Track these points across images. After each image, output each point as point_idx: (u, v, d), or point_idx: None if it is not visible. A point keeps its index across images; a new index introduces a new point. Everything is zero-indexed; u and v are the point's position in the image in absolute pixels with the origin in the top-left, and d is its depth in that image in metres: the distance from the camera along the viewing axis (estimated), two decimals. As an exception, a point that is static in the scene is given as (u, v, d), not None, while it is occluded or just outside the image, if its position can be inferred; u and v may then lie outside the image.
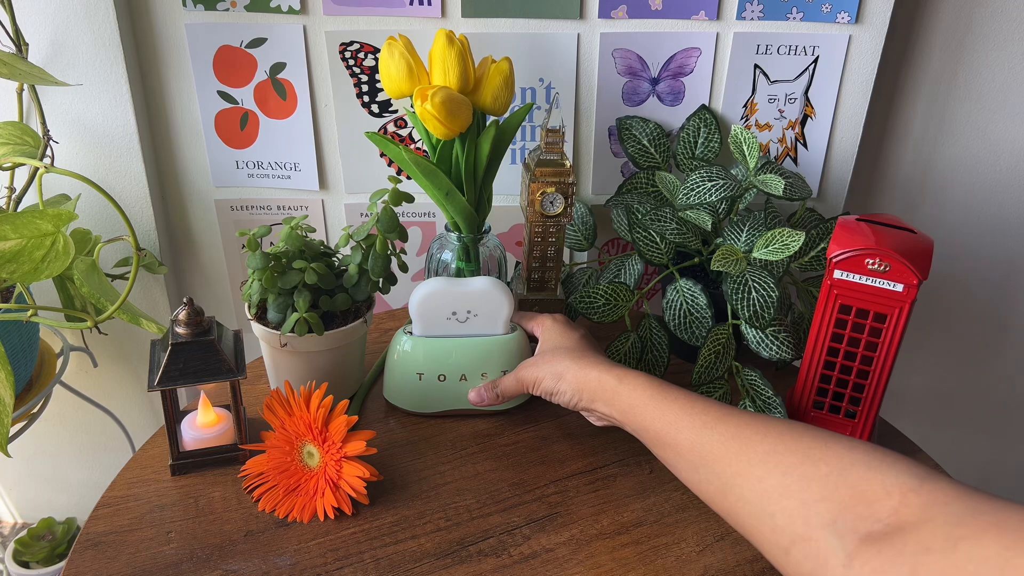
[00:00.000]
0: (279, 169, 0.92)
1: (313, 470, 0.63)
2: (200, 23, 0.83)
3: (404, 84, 0.72)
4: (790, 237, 0.70)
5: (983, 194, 1.00)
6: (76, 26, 0.80)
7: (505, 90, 0.73)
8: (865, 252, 0.63)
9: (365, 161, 0.92)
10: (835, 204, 0.96)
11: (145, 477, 0.66)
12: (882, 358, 0.66)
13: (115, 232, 0.90)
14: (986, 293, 1.09)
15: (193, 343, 0.62)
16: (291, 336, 0.68)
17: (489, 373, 0.72)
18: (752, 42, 0.86)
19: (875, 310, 0.64)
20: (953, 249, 1.05)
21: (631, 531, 0.62)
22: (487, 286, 0.70)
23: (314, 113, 0.89)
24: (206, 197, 0.94)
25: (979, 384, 1.17)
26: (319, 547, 0.60)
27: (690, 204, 0.75)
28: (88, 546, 0.59)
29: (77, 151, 0.87)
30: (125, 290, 0.70)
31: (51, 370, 0.90)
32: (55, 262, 0.65)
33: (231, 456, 0.67)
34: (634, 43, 0.86)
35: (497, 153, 0.76)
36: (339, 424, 0.61)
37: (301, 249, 0.69)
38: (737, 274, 0.72)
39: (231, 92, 0.87)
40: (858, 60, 0.87)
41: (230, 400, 0.67)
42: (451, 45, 0.70)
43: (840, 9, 0.83)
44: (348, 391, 0.76)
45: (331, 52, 0.85)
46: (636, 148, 0.88)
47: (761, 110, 0.90)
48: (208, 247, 0.97)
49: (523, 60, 0.85)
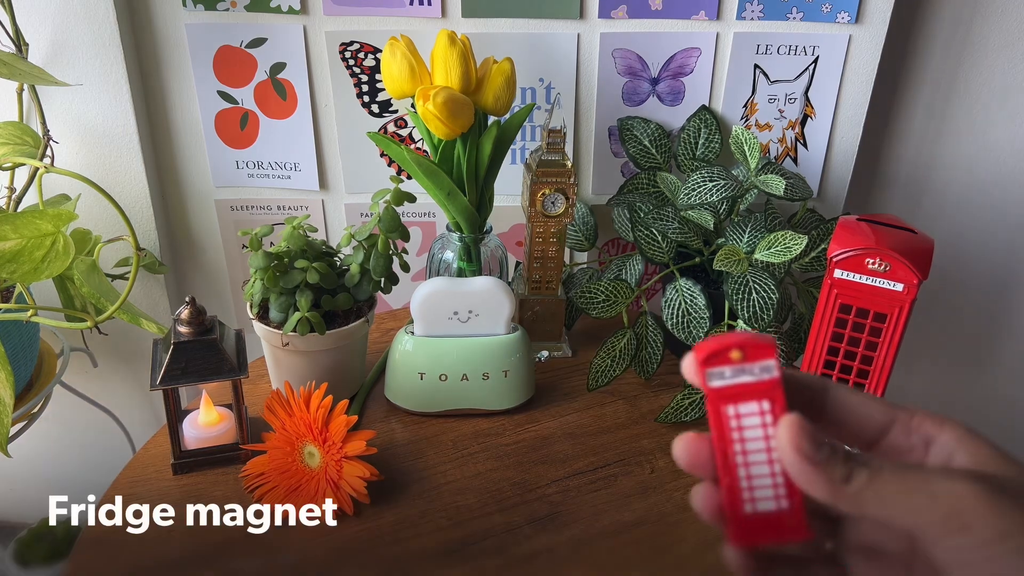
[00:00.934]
0: (279, 169, 0.92)
1: (314, 470, 0.63)
2: (200, 23, 0.83)
3: (406, 84, 0.72)
4: (792, 240, 0.70)
5: (983, 194, 1.01)
6: (76, 26, 0.80)
7: (506, 90, 0.73)
8: (865, 252, 0.63)
9: (365, 161, 0.91)
10: (835, 204, 0.96)
11: (147, 476, 0.66)
12: (882, 358, 0.66)
13: (115, 232, 0.90)
14: (986, 292, 1.09)
15: (195, 342, 0.62)
16: (293, 335, 0.68)
17: (490, 373, 0.72)
18: (752, 42, 0.86)
19: (875, 310, 0.65)
20: (953, 249, 1.05)
21: (632, 531, 0.62)
22: (488, 286, 0.70)
23: (314, 113, 0.89)
24: (206, 197, 0.93)
25: (980, 383, 1.17)
26: (321, 547, 0.60)
27: (691, 204, 0.75)
28: (89, 545, 0.59)
29: (77, 151, 0.87)
30: (125, 290, 0.70)
31: (51, 370, 0.90)
32: (55, 262, 0.65)
33: (233, 455, 0.67)
34: (634, 43, 0.86)
35: (498, 153, 0.76)
36: (339, 424, 0.61)
37: (303, 249, 0.69)
38: (738, 275, 0.72)
39: (231, 92, 0.87)
40: (858, 60, 0.87)
41: (232, 399, 0.67)
42: (453, 45, 0.70)
43: (840, 9, 0.84)
44: (350, 391, 0.76)
45: (331, 52, 0.85)
46: (637, 148, 0.88)
47: (761, 110, 0.90)
48: (208, 247, 0.97)
49: (523, 60, 0.85)
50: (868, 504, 0.28)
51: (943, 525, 0.27)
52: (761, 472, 0.31)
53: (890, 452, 0.32)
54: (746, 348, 0.31)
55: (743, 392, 0.31)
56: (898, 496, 0.28)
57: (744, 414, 0.31)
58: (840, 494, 0.29)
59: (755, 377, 0.31)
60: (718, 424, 0.31)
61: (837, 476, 0.29)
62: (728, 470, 0.31)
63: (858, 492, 0.29)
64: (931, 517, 0.27)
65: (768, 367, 0.31)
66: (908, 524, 0.28)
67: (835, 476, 0.29)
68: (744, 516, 0.31)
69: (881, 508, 0.28)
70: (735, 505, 0.31)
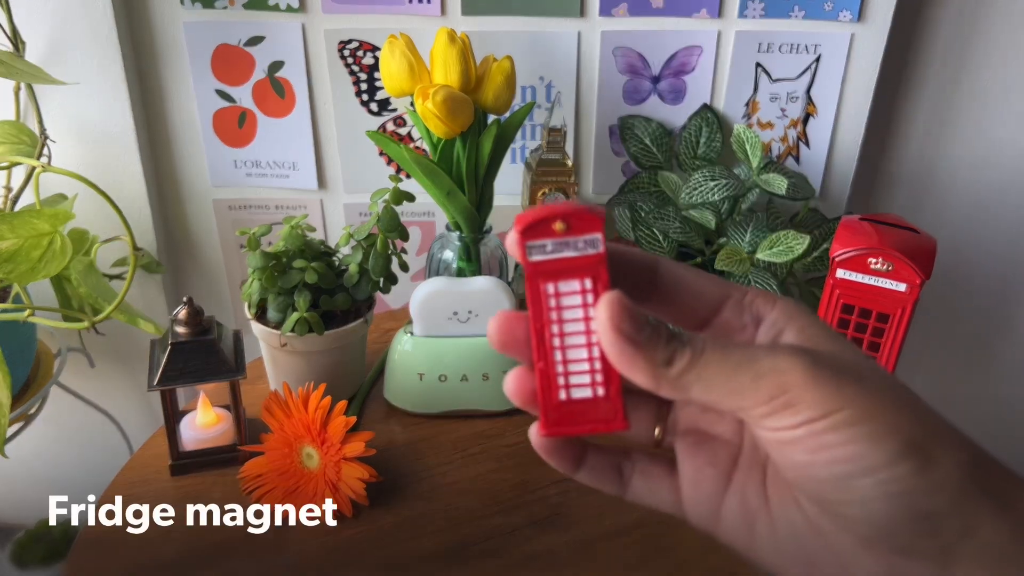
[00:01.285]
0: (277, 168, 0.91)
1: (312, 472, 0.62)
2: (198, 21, 0.83)
3: (405, 83, 0.72)
4: (795, 240, 0.70)
5: (986, 193, 1.00)
6: (74, 24, 0.79)
7: (506, 89, 0.73)
8: (868, 251, 0.62)
9: (364, 160, 0.91)
10: (837, 203, 0.95)
11: (145, 477, 0.66)
12: (885, 358, 0.66)
13: (112, 232, 0.89)
14: (990, 293, 1.09)
15: (193, 343, 0.62)
16: (291, 336, 0.68)
17: (490, 374, 0.71)
18: (754, 40, 0.85)
19: (878, 310, 0.64)
20: (956, 249, 1.05)
21: (633, 532, 0.62)
22: (488, 286, 0.70)
23: (313, 112, 0.88)
24: (204, 197, 0.93)
25: (983, 384, 1.17)
26: (319, 548, 0.59)
27: (693, 204, 0.74)
28: (87, 547, 0.59)
29: (74, 150, 0.86)
30: (123, 290, 0.69)
31: (48, 371, 0.90)
32: (52, 262, 0.65)
33: (231, 456, 0.67)
34: (635, 41, 0.85)
35: (498, 152, 0.76)
36: (338, 425, 0.60)
37: (301, 248, 0.69)
38: (740, 275, 0.72)
39: (229, 91, 0.87)
40: (861, 58, 0.86)
41: (230, 400, 0.66)
42: (452, 44, 0.69)
43: (842, 7, 0.83)
44: (348, 391, 0.75)
45: (330, 50, 0.85)
46: (638, 148, 0.88)
47: (763, 109, 0.89)
48: (206, 247, 0.96)
49: (523, 58, 0.85)
50: (691, 388, 0.26)
51: (767, 405, 0.25)
52: (578, 356, 0.28)
53: (721, 330, 0.30)
54: (570, 219, 0.27)
55: (565, 268, 0.28)
56: (721, 377, 0.26)
57: (564, 292, 0.28)
58: (661, 378, 0.26)
59: (578, 252, 0.28)
60: (536, 303, 0.28)
61: (659, 358, 0.26)
62: (543, 353, 0.28)
63: (680, 375, 0.26)
64: (755, 397, 0.25)
65: (593, 241, 0.28)
66: (733, 406, 0.26)
67: (656, 359, 0.26)
68: (557, 403, 0.29)
69: (705, 392, 0.26)
70: (548, 392, 0.29)
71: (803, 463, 0.26)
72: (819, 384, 0.25)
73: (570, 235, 0.28)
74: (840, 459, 0.25)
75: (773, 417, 0.25)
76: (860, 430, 0.25)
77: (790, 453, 0.26)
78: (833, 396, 0.25)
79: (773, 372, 0.25)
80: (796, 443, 0.25)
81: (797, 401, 0.25)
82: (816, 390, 0.25)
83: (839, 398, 0.25)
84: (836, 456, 0.25)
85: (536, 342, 0.28)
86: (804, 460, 0.26)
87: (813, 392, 0.25)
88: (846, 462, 0.25)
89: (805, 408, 0.25)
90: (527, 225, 0.27)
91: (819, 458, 0.25)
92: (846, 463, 0.25)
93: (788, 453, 0.26)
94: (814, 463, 0.26)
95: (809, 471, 0.26)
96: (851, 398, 0.25)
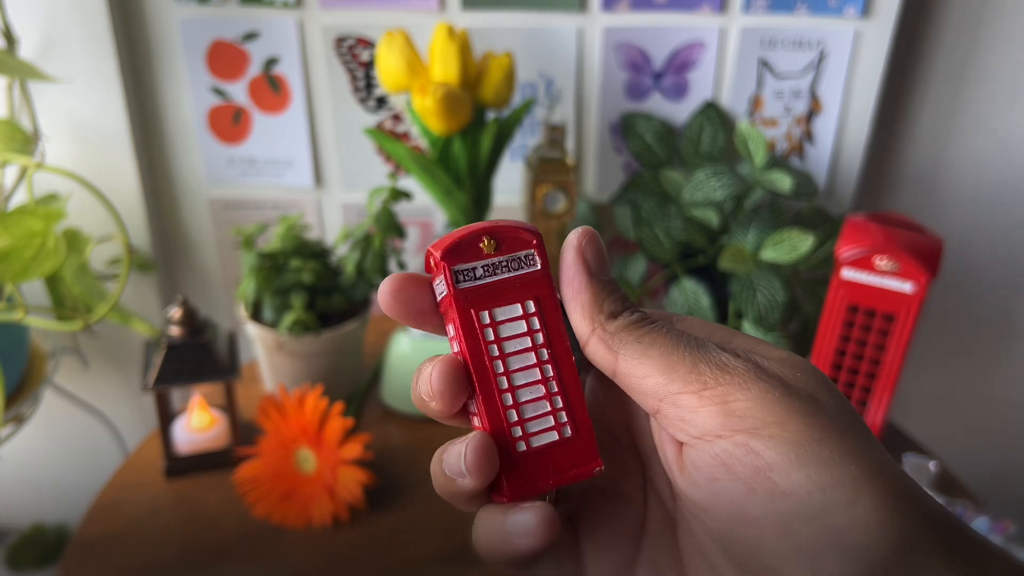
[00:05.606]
0: (273, 166, 0.90)
1: (309, 475, 0.61)
2: (193, 17, 0.82)
3: (403, 79, 0.71)
4: (799, 239, 0.68)
5: (993, 192, 0.99)
6: (67, 20, 0.78)
7: (506, 85, 0.72)
8: (874, 250, 0.61)
9: (361, 158, 0.90)
10: (842, 201, 0.94)
11: (138, 480, 0.65)
12: (891, 359, 0.65)
13: (106, 231, 0.88)
14: (997, 292, 1.08)
15: (187, 343, 0.61)
16: (287, 337, 0.66)
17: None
18: (757, 36, 0.84)
19: (884, 310, 0.63)
20: (963, 248, 1.04)
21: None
22: (487, 286, 0.68)
23: (309, 109, 0.87)
24: (199, 195, 0.92)
25: (990, 385, 1.16)
26: (315, 553, 0.58)
27: (696, 202, 0.73)
28: (81, 551, 0.58)
29: (67, 148, 0.85)
30: (117, 290, 0.68)
31: (41, 372, 0.89)
32: (45, 261, 0.64)
33: (226, 459, 0.66)
34: (637, 37, 0.84)
35: (498, 150, 0.75)
36: (335, 427, 0.59)
37: (297, 248, 0.68)
38: (744, 274, 0.71)
39: (224, 87, 0.86)
40: (866, 55, 0.85)
41: (224, 402, 0.65)
42: (451, 39, 0.68)
43: (847, 2, 0.82)
44: (345, 394, 0.74)
45: (326, 47, 0.83)
46: (641, 146, 0.87)
47: (767, 105, 0.88)
48: (201, 246, 0.95)
49: (523, 54, 0.84)
50: (624, 348, 0.23)
51: (698, 394, 0.23)
52: (534, 396, 0.24)
53: None
54: (498, 235, 0.24)
55: (500, 292, 0.24)
56: (660, 348, 0.23)
57: (502, 320, 0.24)
58: (597, 325, 0.24)
59: (513, 272, 0.24)
60: (470, 338, 0.23)
61: (606, 307, 0.24)
62: (488, 402, 0.23)
63: (618, 331, 0.24)
64: (688, 381, 0.23)
65: (528, 257, 0.24)
66: (659, 387, 0.23)
67: (603, 305, 0.24)
68: (517, 458, 0.23)
69: (636, 358, 0.23)
70: (503, 446, 0.23)
71: (708, 479, 0.22)
72: (764, 390, 0.22)
73: (501, 254, 0.24)
74: (761, 469, 0.22)
75: (700, 411, 0.22)
76: (797, 449, 0.21)
77: (700, 465, 0.23)
78: (774, 406, 0.22)
79: (719, 364, 0.23)
80: (709, 453, 0.22)
81: (733, 398, 0.22)
82: (759, 394, 0.22)
83: (779, 410, 0.22)
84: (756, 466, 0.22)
85: (479, 387, 0.23)
86: (711, 475, 0.22)
87: (755, 393, 0.22)
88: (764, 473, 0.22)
89: (741, 407, 0.22)
90: (449, 247, 0.23)
91: (730, 475, 0.22)
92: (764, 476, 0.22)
93: (697, 465, 0.23)
94: (721, 480, 0.22)
95: (716, 488, 0.22)
96: (797, 412, 0.22)
